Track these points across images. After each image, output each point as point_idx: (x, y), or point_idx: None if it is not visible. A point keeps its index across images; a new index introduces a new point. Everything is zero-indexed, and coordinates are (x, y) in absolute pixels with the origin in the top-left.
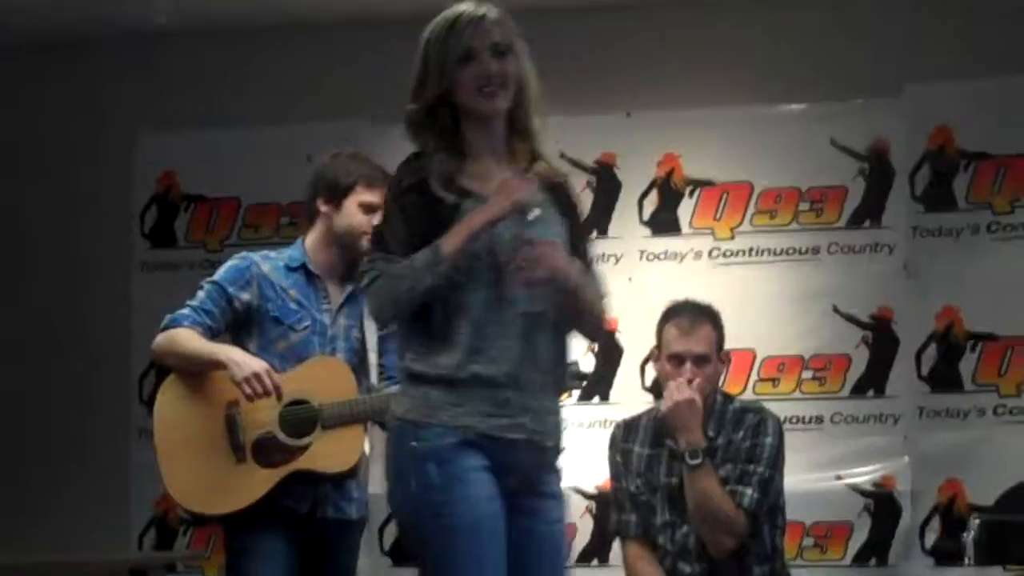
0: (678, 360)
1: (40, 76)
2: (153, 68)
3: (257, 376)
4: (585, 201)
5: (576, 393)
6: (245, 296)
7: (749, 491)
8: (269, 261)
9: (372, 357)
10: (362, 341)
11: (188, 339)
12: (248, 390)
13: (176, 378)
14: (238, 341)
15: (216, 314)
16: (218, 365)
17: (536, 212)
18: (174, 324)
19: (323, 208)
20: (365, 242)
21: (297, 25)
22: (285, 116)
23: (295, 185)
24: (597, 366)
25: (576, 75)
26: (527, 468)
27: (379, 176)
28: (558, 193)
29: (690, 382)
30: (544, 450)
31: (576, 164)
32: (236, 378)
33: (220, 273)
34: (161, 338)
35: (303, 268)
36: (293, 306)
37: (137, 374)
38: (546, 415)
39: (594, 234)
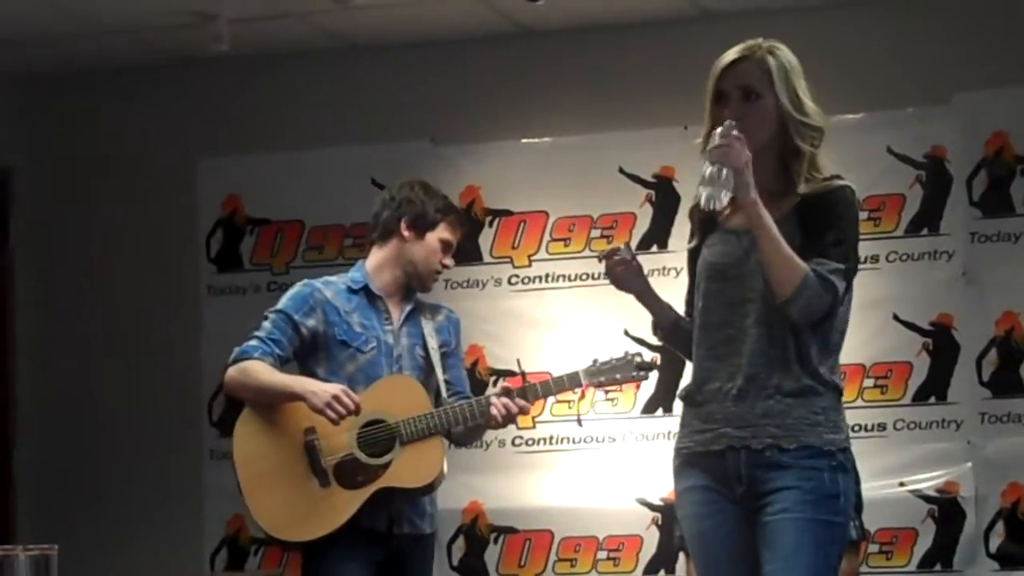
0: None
1: (103, 104)
2: (214, 94)
3: (337, 399)
4: None
5: (639, 405)
6: (311, 322)
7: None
8: (331, 286)
9: (438, 372)
10: (427, 358)
11: (261, 372)
12: (332, 415)
13: (251, 411)
14: (306, 367)
15: (284, 343)
16: (294, 397)
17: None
18: (244, 356)
19: (405, 233)
20: (432, 283)
21: (355, 48)
22: (346, 138)
23: (358, 206)
24: (659, 379)
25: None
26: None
27: (460, 220)
28: (806, 202)
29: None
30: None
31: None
32: (317, 406)
33: (284, 302)
34: (233, 371)
35: (365, 289)
36: (358, 329)
37: (207, 396)
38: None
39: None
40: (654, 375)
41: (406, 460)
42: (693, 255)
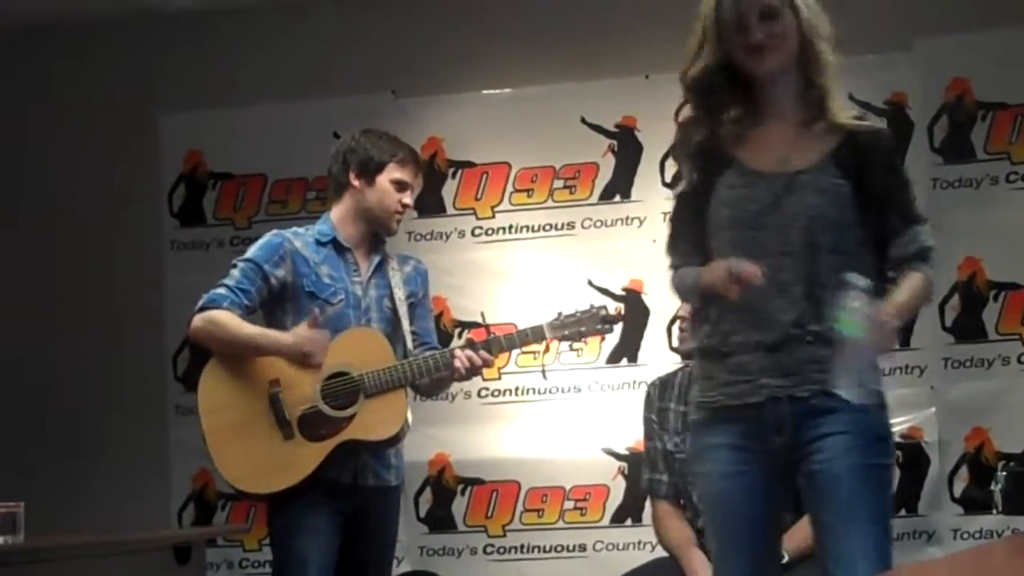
0: None
1: (63, 59)
2: (176, 48)
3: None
4: None
5: (604, 355)
6: (280, 273)
7: None
8: (300, 237)
9: (405, 324)
10: (394, 310)
11: (228, 323)
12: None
13: (217, 361)
14: (274, 317)
15: (252, 292)
16: (260, 352)
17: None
18: (212, 304)
19: (355, 183)
20: (395, 224)
21: (316, 0)
22: (308, 92)
23: (320, 160)
24: (624, 329)
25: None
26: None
27: (411, 156)
28: (846, 148)
29: None
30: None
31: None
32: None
33: (253, 251)
34: (200, 320)
35: (333, 241)
36: (327, 280)
37: (171, 352)
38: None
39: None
40: (618, 326)
41: (370, 413)
42: (695, 197)
